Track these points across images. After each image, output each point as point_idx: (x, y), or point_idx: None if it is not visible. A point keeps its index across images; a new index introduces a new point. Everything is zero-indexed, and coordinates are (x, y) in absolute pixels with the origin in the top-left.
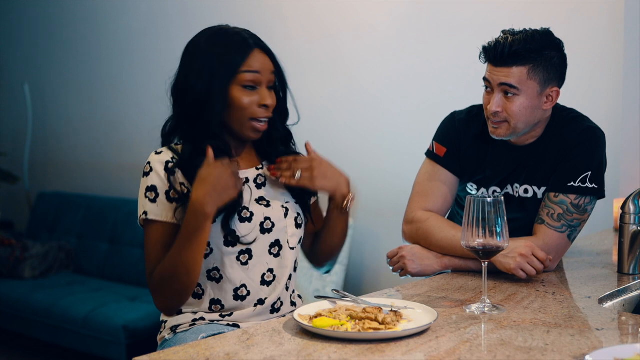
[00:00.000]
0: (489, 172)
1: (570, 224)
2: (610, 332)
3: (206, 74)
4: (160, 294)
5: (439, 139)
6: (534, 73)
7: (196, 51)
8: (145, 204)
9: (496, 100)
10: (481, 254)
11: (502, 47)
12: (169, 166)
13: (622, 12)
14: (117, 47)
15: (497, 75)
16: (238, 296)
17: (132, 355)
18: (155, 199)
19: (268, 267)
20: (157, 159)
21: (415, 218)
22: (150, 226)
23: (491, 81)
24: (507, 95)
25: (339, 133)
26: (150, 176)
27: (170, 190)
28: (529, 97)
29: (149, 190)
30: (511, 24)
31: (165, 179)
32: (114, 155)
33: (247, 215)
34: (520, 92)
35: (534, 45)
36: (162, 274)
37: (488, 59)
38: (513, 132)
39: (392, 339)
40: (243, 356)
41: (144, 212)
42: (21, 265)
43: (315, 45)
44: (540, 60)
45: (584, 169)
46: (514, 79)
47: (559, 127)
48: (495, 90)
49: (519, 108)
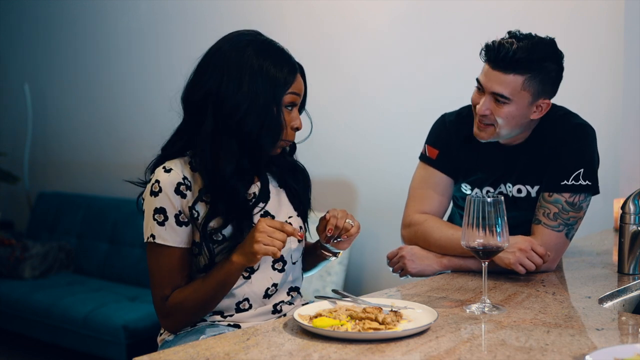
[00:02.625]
0: (480, 173)
1: (566, 222)
2: (610, 332)
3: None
4: (174, 319)
5: (431, 142)
6: (529, 84)
7: (244, 64)
8: (154, 226)
9: (485, 103)
10: (481, 254)
11: (504, 51)
12: (180, 188)
13: (622, 12)
14: (117, 47)
15: (491, 82)
16: (240, 309)
17: (132, 355)
18: (164, 222)
19: (272, 282)
20: (167, 179)
21: (413, 221)
22: (157, 249)
23: (484, 84)
24: (497, 101)
25: (339, 133)
26: (159, 197)
27: (180, 214)
28: (519, 107)
29: (158, 213)
30: (511, 24)
31: (174, 202)
32: (114, 155)
33: None
34: (511, 102)
35: (536, 55)
36: (183, 304)
37: (487, 59)
38: (496, 136)
39: (392, 339)
40: (243, 356)
41: (152, 234)
42: (21, 265)
43: (315, 45)
44: (539, 72)
45: (576, 166)
46: (507, 89)
47: (548, 125)
48: (486, 94)
49: (507, 115)
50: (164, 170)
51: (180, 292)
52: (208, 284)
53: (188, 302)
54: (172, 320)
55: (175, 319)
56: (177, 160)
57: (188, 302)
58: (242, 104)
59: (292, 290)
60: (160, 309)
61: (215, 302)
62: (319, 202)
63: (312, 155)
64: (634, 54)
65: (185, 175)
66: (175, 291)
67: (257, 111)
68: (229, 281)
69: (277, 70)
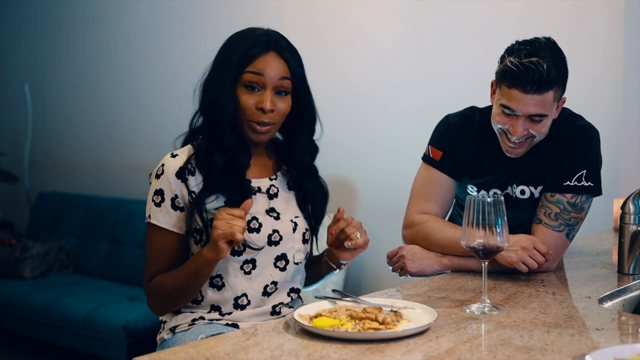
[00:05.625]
0: (489, 176)
1: (567, 222)
2: (610, 332)
3: (219, 72)
4: (155, 300)
5: (435, 143)
6: (558, 92)
7: (220, 49)
8: (151, 207)
9: (523, 125)
10: (481, 254)
11: (538, 74)
12: (182, 172)
13: (622, 12)
14: (117, 47)
15: (527, 106)
16: (238, 305)
17: (132, 355)
18: (160, 204)
19: (272, 280)
20: (171, 162)
21: (414, 221)
22: (152, 230)
23: (518, 111)
24: (533, 120)
25: (339, 133)
26: (160, 179)
27: (176, 198)
28: (552, 115)
29: (156, 194)
30: (511, 25)
31: (173, 185)
32: (114, 155)
33: (255, 226)
34: (547, 116)
35: (560, 67)
36: (160, 288)
37: (516, 85)
38: (530, 148)
39: (392, 339)
40: (243, 356)
41: (149, 215)
42: (21, 265)
43: (315, 45)
44: (562, 80)
45: (579, 167)
46: (545, 108)
47: (553, 126)
48: (521, 118)
49: (543, 127)
50: (171, 155)
51: (162, 276)
52: (182, 274)
53: (166, 288)
54: (152, 302)
55: (155, 301)
56: (187, 147)
57: (166, 287)
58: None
59: (292, 292)
60: (145, 287)
61: (191, 292)
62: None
63: None
64: (634, 54)
65: (190, 161)
66: (159, 275)
67: (215, 92)
68: (202, 273)
69: (237, 49)
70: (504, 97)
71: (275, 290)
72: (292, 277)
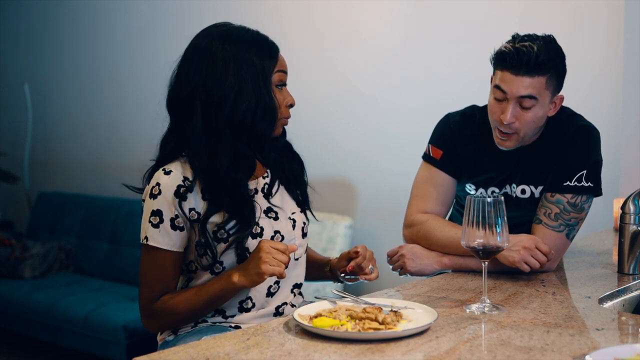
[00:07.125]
0: (487, 174)
1: (567, 223)
2: (610, 332)
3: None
4: (158, 321)
5: (435, 142)
6: (550, 82)
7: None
8: (148, 228)
9: (512, 111)
10: (481, 254)
11: (527, 56)
12: (180, 191)
13: (622, 12)
14: (117, 47)
15: (517, 86)
16: (242, 308)
17: (132, 355)
18: (158, 225)
19: (275, 280)
20: (167, 181)
21: (415, 221)
22: (150, 252)
23: (508, 92)
24: (523, 106)
25: (339, 133)
26: (157, 200)
27: (176, 218)
28: (542, 107)
29: (153, 215)
30: (511, 25)
31: (172, 206)
32: (114, 155)
33: (257, 231)
34: (537, 102)
35: (552, 53)
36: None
37: (507, 66)
38: (521, 142)
39: (392, 339)
40: (243, 356)
41: (146, 236)
42: (21, 265)
43: (315, 44)
44: (556, 69)
45: (580, 167)
46: (535, 90)
47: (554, 126)
48: (511, 101)
49: (533, 118)
50: (164, 172)
51: (171, 297)
52: (201, 298)
53: (177, 310)
54: (155, 322)
55: (159, 321)
56: (176, 162)
57: (177, 309)
58: (229, 94)
59: (295, 287)
60: (145, 309)
61: (203, 314)
62: (319, 202)
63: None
64: (634, 54)
65: (185, 176)
66: (166, 295)
67: (248, 98)
68: (224, 299)
69: (260, 54)
70: (497, 79)
71: (278, 290)
72: (294, 273)
